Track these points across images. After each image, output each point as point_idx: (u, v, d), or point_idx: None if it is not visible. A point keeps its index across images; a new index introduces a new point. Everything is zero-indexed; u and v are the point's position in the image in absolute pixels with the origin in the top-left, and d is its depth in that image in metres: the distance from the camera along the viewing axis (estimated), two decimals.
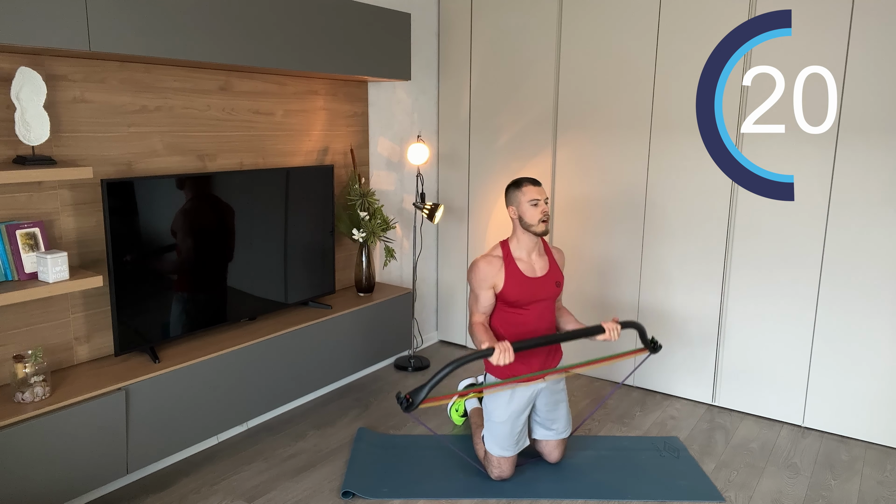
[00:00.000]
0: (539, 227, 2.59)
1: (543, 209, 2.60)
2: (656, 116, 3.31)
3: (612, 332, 2.55)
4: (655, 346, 2.74)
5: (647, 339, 2.72)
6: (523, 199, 2.60)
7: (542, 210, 2.59)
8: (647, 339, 2.72)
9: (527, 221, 2.60)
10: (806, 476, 2.75)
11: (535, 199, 2.59)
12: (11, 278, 2.16)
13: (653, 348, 2.73)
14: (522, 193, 2.61)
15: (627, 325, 2.63)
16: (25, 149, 2.18)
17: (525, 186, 2.62)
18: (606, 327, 2.55)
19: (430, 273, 4.22)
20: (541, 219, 2.59)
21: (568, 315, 2.80)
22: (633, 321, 2.68)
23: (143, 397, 2.37)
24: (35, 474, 2.08)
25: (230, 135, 2.90)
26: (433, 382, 2.30)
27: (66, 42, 2.04)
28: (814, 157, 2.96)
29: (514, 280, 2.60)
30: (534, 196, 2.59)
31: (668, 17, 3.21)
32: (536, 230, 2.60)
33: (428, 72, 3.97)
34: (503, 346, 2.36)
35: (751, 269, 3.18)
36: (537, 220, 2.59)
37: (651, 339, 2.73)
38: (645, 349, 2.75)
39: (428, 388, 2.30)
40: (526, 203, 2.59)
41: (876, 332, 2.93)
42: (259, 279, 2.98)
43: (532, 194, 2.59)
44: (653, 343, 2.73)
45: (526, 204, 2.59)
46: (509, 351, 2.36)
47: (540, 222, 2.59)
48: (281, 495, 2.54)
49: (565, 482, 2.66)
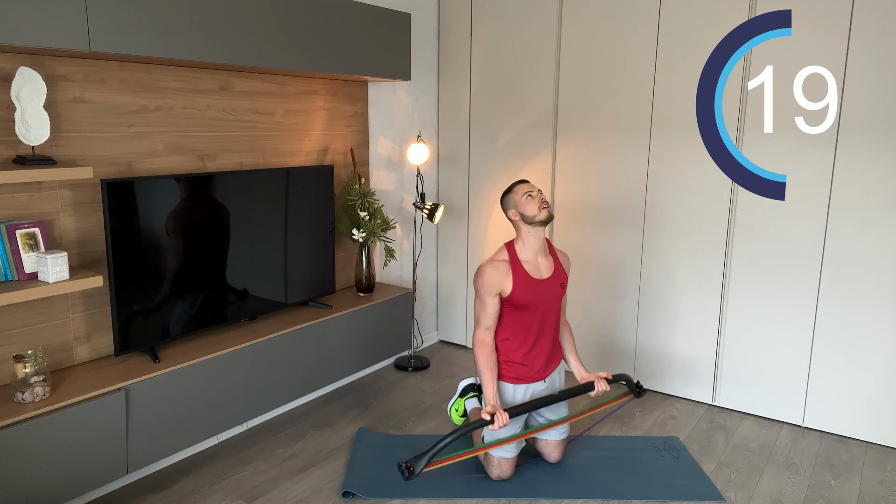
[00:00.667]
0: (542, 214, 2.59)
1: (540, 197, 2.61)
2: (656, 116, 3.31)
3: (602, 386, 2.70)
4: (640, 391, 2.89)
5: (633, 385, 2.88)
6: (518, 197, 2.62)
7: (539, 199, 2.60)
8: (633, 385, 2.88)
9: (529, 215, 2.60)
10: (806, 476, 2.75)
11: (528, 191, 2.61)
12: (11, 278, 2.16)
13: (637, 393, 2.89)
14: (515, 192, 2.64)
15: (615, 380, 2.79)
16: (25, 149, 2.18)
17: (516, 186, 2.67)
18: (596, 385, 2.69)
19: (430, 273, 4.22)
20: (541, 206, 2.59)
21: (568, 336, 2.84)
22: (619, 374, 2.83)
23: (143, 397, 2.37)
24: (35, 474, 2.08)
25: (230, 135, 2.90)
26: (433, 451, 2.38)
27: (66, 42, 2.04)
28: (813, 157, 2.96)
29: (521, 283, 2.60)
30: (526, 190, 2.62)
31: (668, 17, 3.21)
32: (540, 218, 2.59)
33: (428, 72, 3.97)
34: (501, 417, 2.46)
35: (751, 269, 3.18)
36: (538, 208, 2.59)
37: (636, 384, 2.88)
38: (630, 394, 2.91)
39: (428, 458, 2.37)
40: (522, 199, 2.60)
41: (876, 333, 2.93)
42: (259, 279, 2.98)
43: (524, 189, 2.63)
44: (638, 387, 2.88)
45: (522, 200, 2.60)
46: (507, 422, 2.47)
47: (541, 209, 2.59)
48: (281, 495, 2.54)
49: (565, 482, 2.66)
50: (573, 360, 2.82)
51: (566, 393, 2.69)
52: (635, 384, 2.86)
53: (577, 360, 2.82)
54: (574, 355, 2.83)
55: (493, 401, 2.54)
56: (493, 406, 2.51)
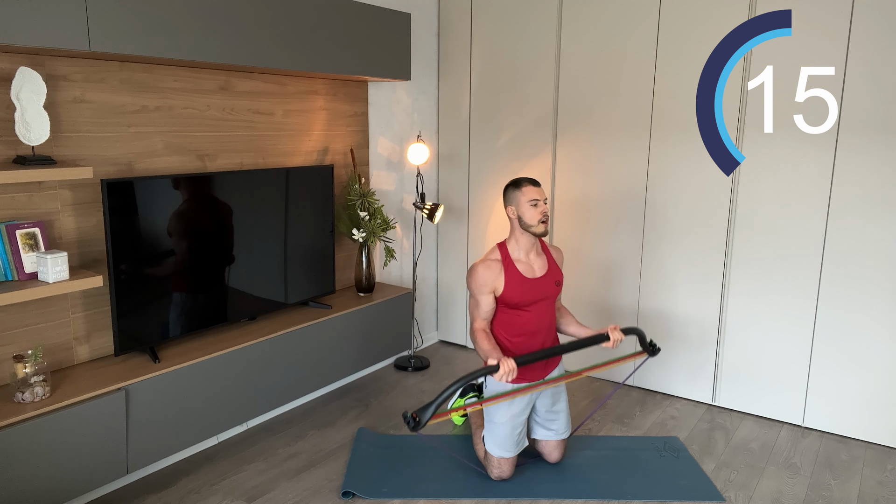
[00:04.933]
0: (539, 227, 2.59)
1: (543, 209, 2.59)
2: (656, 116, 3.31)
3: (616, 338, 2.59)
4: (654, 349, 2.77)
5: (647, 343, 2.76)
6: (523, 199, 2.60)
7: (541, 210, 2.59)
8: (647, 342, 2.76)
9: (526, 222, 2.59)
10: (806, 476, 2.75)
11: (534, 199, 2.58)
12: (11, 278, 2.16)
13: (651, 351, 2.77)
14: (522, 193, 2.60)
15: (628, 332, 2.67)
16: (25, 149, 2.18)
17: (525, 186, 2.62)
18: (610, 335, 2.59)
19: (430, 273, 4.22)
20: (540, 219, 2.58)
21: (568, 316, 2.80)
22: (632, 327, 2.72)
23: (143, 397, 2.37)
24: (35, 474, 2.08)
25: (230, 135, 2.90)
26: (439, 401, 2.33)
27: (66, 42, 2.04)
28: (813, 157, 2.96)
29: (514, 282, 2.60)
30: (533, 196, 2.58)
31: (668, 17, 3.21)
32: (536, 231, 2.59)
33: (428, 72, 3.97)
34: (507, 363, 2.37)
35: (751, 269, 3.18)
36: (537, 220, 2.58)
37: (650, 342, 2.76)
38: (644, 352, 2.78)
39: (434, 407, 2.33)
40: (525, 203, 2.59)
41: (876, 332, 2.93)
42: (259, 279, 2.98)
43: (532, 194, 2.59)
44: (651, 346, 2.77)
45: (525, 204, 2.59)
46: (514, 367, 2.39)
47: (539, 223, 2.58)
48: (281, 495, 2.54)
49: (565, 482, 2.66)
50: (576, 328, 2.73)
51: (578, 343, 2.58)
52: (649, 342, 2.75)
53: (580, 326, 2.74)
54: (576, 324, 2.75)
55: (497, 353, 2.48)
56: (499, 356, 2.44)
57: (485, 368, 2.40)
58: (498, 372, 2.38)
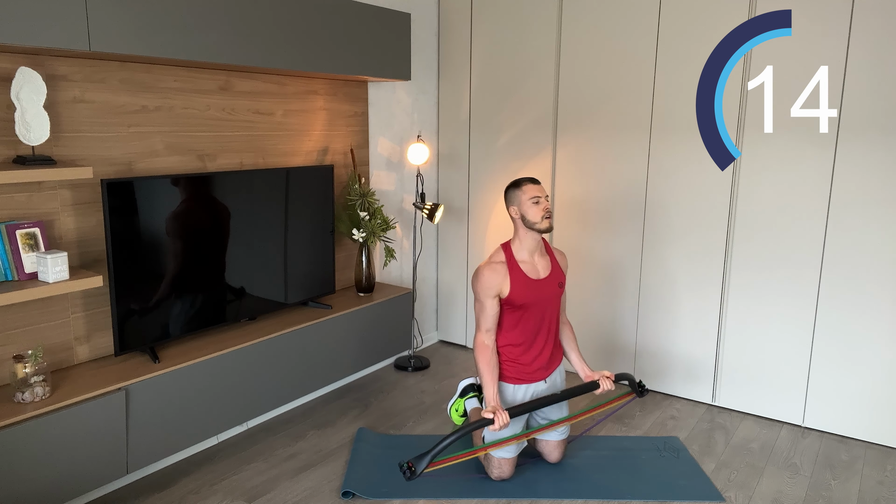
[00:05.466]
0: (543, 223, 2.59)
1: (545, 206, 2.60)
2: (656, 116, 3.31)
3: (606, 385, 2.69)
4: (643, 391, 2.86)
5: (636, 385, 2.85)
6: (524, 197, 2.60)
7: (543, 207, 2.59)
8: (636, 384, 2.85)
9: (530, 220, 2.59)
10: (806, 476, 2.75)
11: (535, 196, 2.59)
12: (11, 278, 2.16)
13: (640, 393, 2.86)
14: (523, 192, 2.61)
15: (619, 379, 2.79)
16: (25, 149, 2.18)
17: (525, 185, 2.62)
18: (601, 384, 2.68)
19: (430, 273, 4.22)
20: (544, 216, 2.59)
21: (570, 335, 2.84)
22: (623, 373, 2.84)
23: (143, 397, 2.37)
24: (35, 474, 2.08)
25: (230, 135, 2.90)
26: (435, 452, 2.37)
27: (66, 42, 2.04)
28: (813, 156, 2.96)
29: (519, 284, 2.59)
30: (534, 194, 2.59)
31: (668, 17, 3.21)
32: (541, 227, 2.59)
33: (428, 72, 3.97)
34: (501, 417, 2.44)
35: (751, 268, 3.18)
36: (540, 217, 2.58)
37: (639, 383, 2.86)
38: (632, 394, 2.88)
39: (429, 458, 2.36)
40: (527, 201, 2.59)
41: (876, 332, 2.93)
42: (259, 279, 2.98)
43: (532, 192, 2.59)
44: (640, 387, 2.85)
45: (527, 202, 2.59)
46: (507, 422, 2.45)
47: (543, 219, 2.59)
48: (281, 495, 2.54)
49: (565, 482, 2.66)
50: (576, 357, 2.81)
51: (569, 392, 2.67)
52: (638, 383, 2.84)
53: (579, 357, 2.81)
54: (576, 353, 2.82)
55: (494, 401, 2.54)
56: (494, 406, 2.51)
57: (479, 421, 2.48)
58: (493, 425, 2.45)
